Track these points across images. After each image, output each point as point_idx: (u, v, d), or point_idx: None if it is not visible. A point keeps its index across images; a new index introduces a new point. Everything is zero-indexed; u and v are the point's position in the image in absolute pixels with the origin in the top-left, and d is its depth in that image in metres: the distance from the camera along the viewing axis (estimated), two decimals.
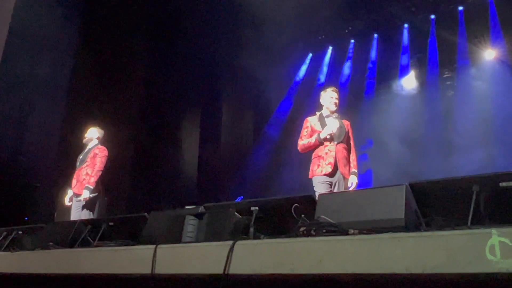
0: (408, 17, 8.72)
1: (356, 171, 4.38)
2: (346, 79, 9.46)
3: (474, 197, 1.90)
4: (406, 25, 8.83)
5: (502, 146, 7.10)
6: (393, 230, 1.95)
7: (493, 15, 7.87)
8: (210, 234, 2.45)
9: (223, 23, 8.46)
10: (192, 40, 8.65)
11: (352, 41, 9.47)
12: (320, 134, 4.27)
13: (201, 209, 2.70)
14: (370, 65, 9.24)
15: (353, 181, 4.31)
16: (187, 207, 3.10)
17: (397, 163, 7.72)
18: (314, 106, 4.61)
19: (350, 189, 4.26)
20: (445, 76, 8.47)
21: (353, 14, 8.57)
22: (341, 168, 4.24)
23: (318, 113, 4.52)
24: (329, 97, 4.47)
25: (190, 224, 2.47)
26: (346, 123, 4.50)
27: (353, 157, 4.44)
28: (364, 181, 7.56)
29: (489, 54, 8.02)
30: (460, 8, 8.17)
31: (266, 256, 2.08)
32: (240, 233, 2.35)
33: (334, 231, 2.01)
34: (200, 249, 2.35)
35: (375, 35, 9.17)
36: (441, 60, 8.45)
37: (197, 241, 2.51)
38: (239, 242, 2.18)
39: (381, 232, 1.93)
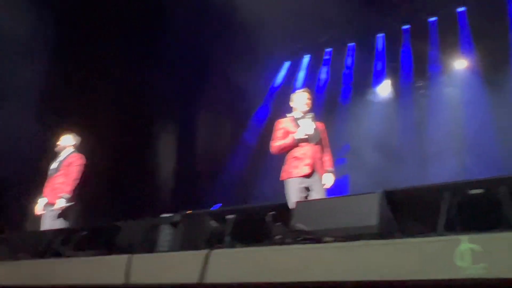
0: (383, 26, 8.88)
1: (332, 169, 4.30)
2: (322, 86, 9.55)
3: (445, 204, 1.94)
4: (381, 35, 8.98)
5: (474, 154, 7.25)
6: (368, 237, 1.97)
7: (463, 26, 8.08)
8: (186, 242, 2.43)
9: (200, 30, 8.44)
10: (170, 46, 8.61)
11: (329, 49, 9.58)
12: (296, 134, 4.18)
13: (176, 217, 2.68)
14: (347, 71, 9.36)
15: (329, 179, 4.22)
16: (162, 215, 3.07)
17: (373, 170, 7.79)
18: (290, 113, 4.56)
19: (326, 186, 4.17)
20: (418, 85, 8.63)
21: (330, 23, 8.68)
22: (318, 169, 4.17)
23: (290, 115, 4.41)
24: (300, 98, 4.39)
25: (166, 233, 2.45)
26: (320, 124, 4.42)
27: (328, 157, 4.36)
28: (341, 187, 7.62)
29: (461, 63, 8.22)
30: (433, 18, 8.37)
31: (242, 265, 2.08)
32: (216, 241, 2.34)
33: (310, 239, 2.02)
34: (175, 258, 2.33)
35: (351, 44, 9.30)
36: (415, 69, 8.62)
37: (172, 250, 2.48)
38: (215, 251, 2.17)
39: (356, 239, 1.95)
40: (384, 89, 8.95)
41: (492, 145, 7.22)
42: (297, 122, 4.30)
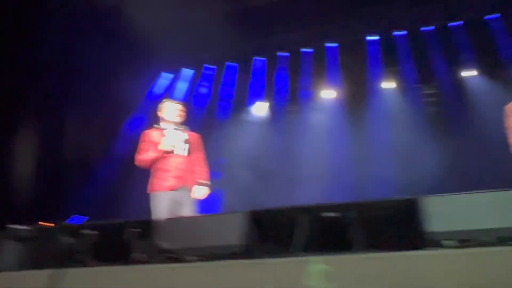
0: (263, 50, 9.24)
1: (207, 182, 4.15)
2: (202, 100, 9.56)
3: (302, 226, 2.04)
4: (260, 58, 9.33)
5: (335, 179, 7.83)
6: (232, 257, 1.98)
7: (333, 59, 8.79)
8: (36, 260, 2.21)
9: (77, 32, 7.93)
10: (42, 45, 7.91)
11: (211, 66, 9.65)
12: (161, 145, 3.97)
13: (25, 230, 2.40)
14: (226, 89, 9.52)
15: (202, 192, 4.07)
16: (11, 226, 2.74)
17: (246, 188, 7.95)
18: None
19: (197, 197, 4.04)
20: (290, 109, 9.11)
21: (215, 41, 8.78)
22: (189, 182, 4.02)
23: (159, 126, 4.20)
24: (171, 109, 4.20)
25: (11, 248, 2.19)
26: (195, 135, 4.26)
27: (203, 169, 4.20)
28: (214, 201, 7.64)
29: (329, 93, 8.88)
30: (310, 50, 8.96)
31: (99, 285, 1.95)
32: (71, 259, 2.16)
33: (173, 258, 1.97)
34: (23, 278, 2.10)
35: (233, 63, 9.50)
36: (288, 94, 9.11)
37: (20, 268, 2.23)
38: (69, 270, 2.00)
39: (220, 258, 1.96)
40: (260, 110, 9.28)
41: (351, 172, 7.90)
42: (168, 133, 4.10)
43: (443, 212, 1.96)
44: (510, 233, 1.88)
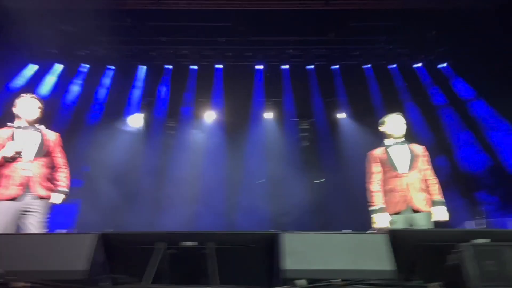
0: (148, 60, 8.89)
1: (65, 190, 3.71)
2: (71, 101, 8.79)
3: (158, 254, 1.89)
4: (143, 66, 8.95)
5: (205, 203, 7.65)
6: (76, 284, 1.75)
7: (220, 80, 8.82)
8: None
9: None
10: None
11: (87, 64, 8.99)
12: (7, 151, 3.51)
13: None
14: (101, 95, 8.92)
15: (58, 198, 3.63)
16: None
17: (106, 203, 7.30)
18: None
19: (54, 202, 3.58)
20: (169, 124, 8.83)
21: (100, 40, 8.23)
22: (37, 189, 3.54)
23: (12, 124, 3.70)
24: (30, 105, 3.68)
25: None
26: (53, 135, 3.80)
27: (63, 174, 3.77)
28: (70, 211, 6.94)
29: (210, 115, 8.85)
30: (194, 67, 8.87)
31: None
32: None
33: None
34: None
35: (111, 67, 8.96)
36: (169, 109, 8.83)
37: None
38: None
39: (63, 286, 1.71)
40: (136, 121, 8.81)
41: (221, 198, 7.81)
42: (18, 133, 3.62)
43: (294, 249, 1.96)
44: (359, 275, 1.94)
